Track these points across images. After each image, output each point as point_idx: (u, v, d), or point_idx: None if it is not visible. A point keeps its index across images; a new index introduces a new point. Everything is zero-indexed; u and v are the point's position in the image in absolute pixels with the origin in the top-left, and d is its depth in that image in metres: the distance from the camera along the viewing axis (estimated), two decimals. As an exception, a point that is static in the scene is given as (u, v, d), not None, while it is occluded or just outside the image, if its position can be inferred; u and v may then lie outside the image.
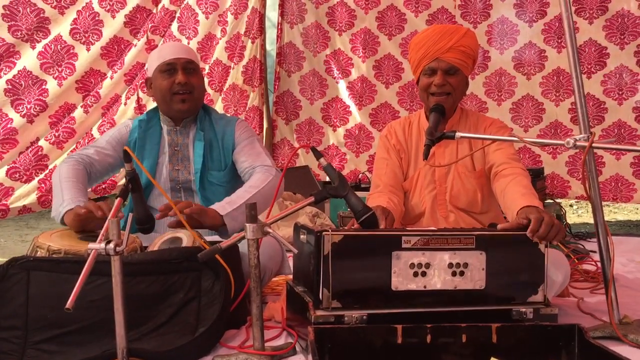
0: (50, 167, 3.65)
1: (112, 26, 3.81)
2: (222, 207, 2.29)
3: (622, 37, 4.43)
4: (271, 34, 5.30)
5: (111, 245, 1.57)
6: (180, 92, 2.49)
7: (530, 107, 4.71)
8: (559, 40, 4.57)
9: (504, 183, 2.20)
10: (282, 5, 5.13)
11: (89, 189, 2.81)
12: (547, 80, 4.65)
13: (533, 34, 4.67)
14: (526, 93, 4.71)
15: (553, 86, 4.64)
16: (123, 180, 3.54)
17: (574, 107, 4.49)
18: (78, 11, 3.64)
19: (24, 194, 3.56)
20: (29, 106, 3.48)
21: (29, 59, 3.48)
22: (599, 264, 2.07)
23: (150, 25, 4.01)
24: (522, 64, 4.71)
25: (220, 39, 4.63)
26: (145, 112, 2.65)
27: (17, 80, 3.45)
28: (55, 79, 3.58)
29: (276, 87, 5.23)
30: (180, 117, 2.56)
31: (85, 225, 2.17)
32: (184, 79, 2.47)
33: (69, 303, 1.45)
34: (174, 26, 4.33)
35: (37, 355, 1.77)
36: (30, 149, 3.56)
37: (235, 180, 2.59)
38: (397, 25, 4.91)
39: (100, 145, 2.56)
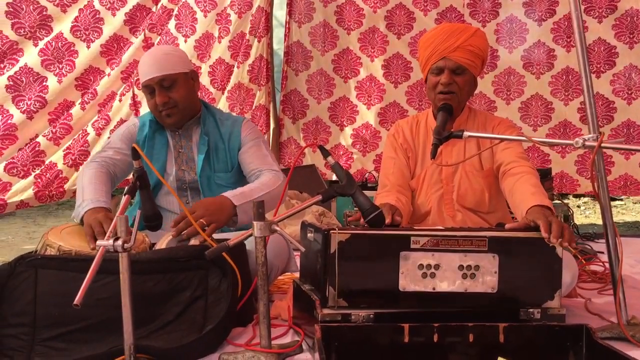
0: (47, 162, 3.68)
1: (112, 24, 3.83)
2: (236, 197, 2.28)
3: (632, 36, 4.42)
4: (278, 32, 5.29)
5: (119, 242, 1.57)
6: (164, 109, 2.49)
7: (539, 107, 4.70)
8: (568, 40, 4.55)
9: (513, 181, 2.19)
10: (290, 4, 5.12)
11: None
12: (556, 80, 4.64)
13: (542, 32, 4.65)
14: (535, 92, 4.70)
15: (562, 85, 4.63)
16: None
17: (583, 106, 4.47)
18: (80, 9, 3.66)
19: (21, 189, 3.60)
20: (29, 102, 3.51)
21: (30, 55, 3.51)
22: (607, 265, 2.06)
23: (148, 23, 4.02)
24: (531, 63, 4.69)
25: (223, 38, 4.64)
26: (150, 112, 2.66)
27: (19, 77, 3.47)
28: (55, 75, 3.61)
29: (283, 86, 5.23)
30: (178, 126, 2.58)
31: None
32: (162, 99, 2.46)
33: (77, 299, 1.46)
34: (172, 24, 4.36)
35: (45, 352, 1.79)
36: (28, 145, 3.58)
37: (242, 181, 2.58)
38: (406, 24, 4.90)
39: (117, 146, 2.57)
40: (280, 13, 5.26)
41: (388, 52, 4.96)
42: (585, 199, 7.34)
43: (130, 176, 1.98)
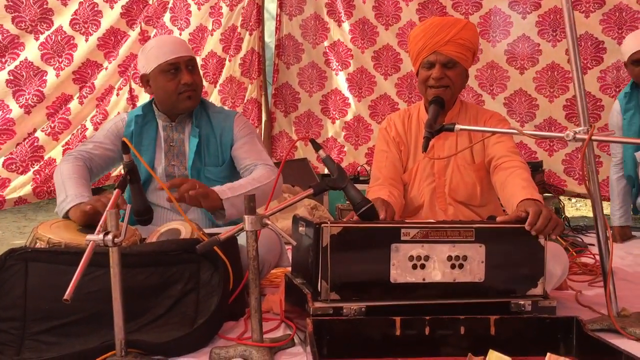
0: (46, 158, 3.65)
1: (110, 17, 3.81)
2: (223, 191, 2.29)
3: (620, 31, 4.28)
4: (270, 25, 5.29)
5: (109, 236, 1.56)
6: (188, 90, 2.47)
7: (523, 103, 4.58)
8: (554, 34, 4.43)
9: (504, 176, 2.20)
10: (280, -3, 5.11)
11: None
12: (541, 76, 4.51)
13: (527, 26, 4.51)
14: (519, 88, 4.58)
15: (547, 82, 4.50)
16: (116, 172, 3.51)
17: (568, 103, 4.43)
18: (80, 2, 3.63)
19: (20, 185, 3.57)
20: (27, 97, 3.48)
21: (31, 50, 3.48)
22: (597, 257, 2.07)
23: (144, 16, 4.01)
24: (515, 57, 4.57)
25: (214, 31, 4.62)
26: (140, 107, 2.63)
27: (19, 71, 3.44)
28: (55, 70, 3.58)
29: (275, 79, 5.22)
30: (182, 113, 2.55)
31: (91, 221, 2.14)
32: (190, 79, 2.44)
33: (67, 294, 1.45)
34: (167, 17, 4.34)
35: (35, 347, 1.77)
36: (26, 140, 3.56)
37: (233, 176, 2.57)
38: (394, 14, 4.86)
39: (99, 140, 2.55)
40: (271, 6, 5.25)
41: (378, 43, 4.94)
42: (576, 192, 7.36)
43: (121, 171, 1.97)
